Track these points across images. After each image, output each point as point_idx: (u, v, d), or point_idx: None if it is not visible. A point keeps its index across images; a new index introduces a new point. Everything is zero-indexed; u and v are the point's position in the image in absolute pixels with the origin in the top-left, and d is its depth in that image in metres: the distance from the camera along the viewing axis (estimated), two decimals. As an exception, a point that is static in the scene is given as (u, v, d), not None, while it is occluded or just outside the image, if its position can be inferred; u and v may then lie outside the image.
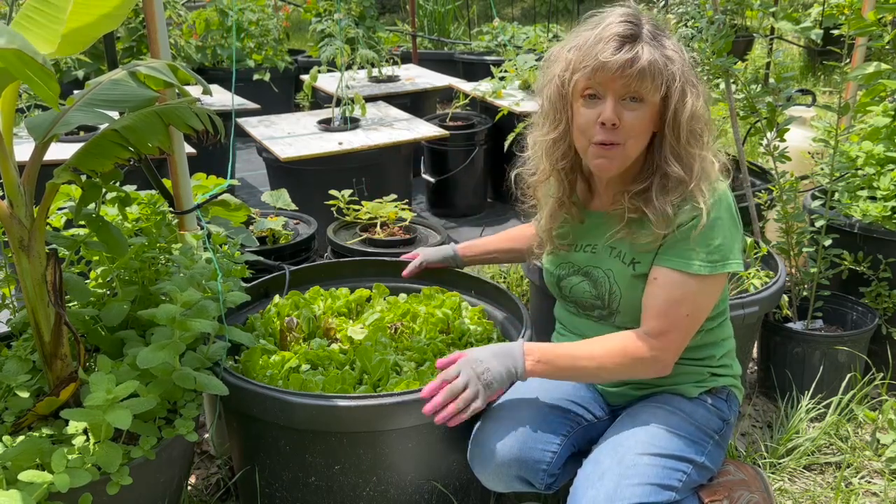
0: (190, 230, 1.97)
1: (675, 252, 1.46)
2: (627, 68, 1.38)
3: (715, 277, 1.46)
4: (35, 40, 1.36)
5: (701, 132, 1.47)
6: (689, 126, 1.44)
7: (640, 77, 1.39)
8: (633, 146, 1.46)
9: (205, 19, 6.12)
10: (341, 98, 3.71)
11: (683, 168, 1.45)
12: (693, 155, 1.45)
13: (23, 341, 1.67)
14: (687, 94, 1.43)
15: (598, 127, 1.43)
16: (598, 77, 1.41)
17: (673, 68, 1.42)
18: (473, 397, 1.43)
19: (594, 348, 1.50)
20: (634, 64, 1.38)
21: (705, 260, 1.44)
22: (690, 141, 1.45)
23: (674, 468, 1.45)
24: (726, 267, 1.46)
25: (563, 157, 1.56)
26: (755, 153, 4.44)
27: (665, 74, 1.41)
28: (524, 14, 10.57)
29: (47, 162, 1.50)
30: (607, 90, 1.42)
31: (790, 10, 6.91)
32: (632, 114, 1.42)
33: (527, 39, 5.64)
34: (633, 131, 1.43)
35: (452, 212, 4.28)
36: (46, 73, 1.17)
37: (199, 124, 1.55)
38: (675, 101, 1.42)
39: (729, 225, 1.47)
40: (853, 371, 2.32)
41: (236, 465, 1.79)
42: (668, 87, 1.42)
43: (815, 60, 6.94)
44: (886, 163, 2.52)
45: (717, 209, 1.46)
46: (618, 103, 1.42)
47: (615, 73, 1.39)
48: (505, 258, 2.07)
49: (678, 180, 1.45)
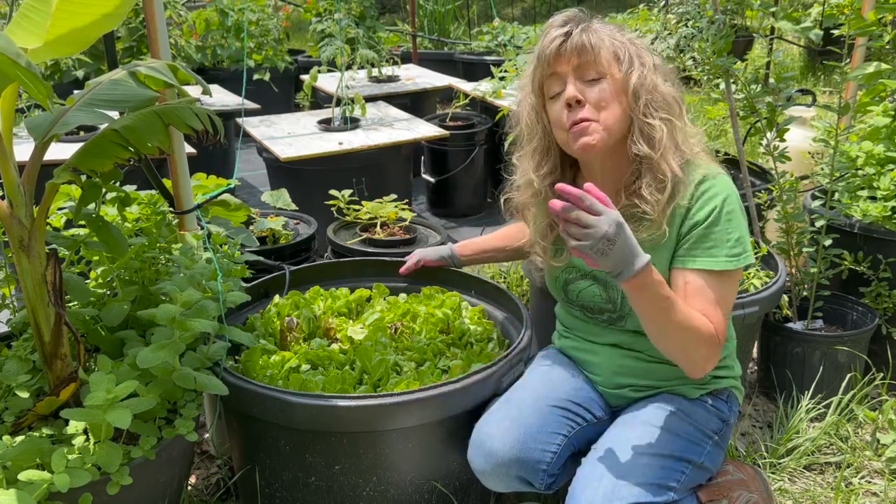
0: (190, 230, 1.97)
1: (700, 251, 1.47)
2: (569, 48, 1.45)
3: (738, 271, 1.48)
4: (25, 37, 1.36)
5: (661, 103, 1.48)
6: (647, 96, 1.46)
7: (581, 49, 1.45)
8: (608, 117, 1.47)
9: (205, 19, 6.12)
10: (341, 98, 3.72)
11: (646, 141, 1.47)
12: (653, 126, 1.46)
13: (23, 341, 1.67)
14: (633, 66, 1.47)
15: (566, 112, 1.47)
16: (552, 68, 1.47)
17: (616, 42, 1.47)
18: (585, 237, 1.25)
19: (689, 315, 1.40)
20: (570, 39, 1.45)
21: (729, 255, 1.46)
22: (647, 112, 1.47)
23: (672, 468, 1.45)
24: (747, 259, 1.48)
25: (551, 172, 1.58)
26: (755, 153, 4.44)
27: (608, 45, 1.46)
28: (524, 14, 10.57)
29: (47, 162, 1.51)
30: (565, 75, 1.47)
31: (790, 10, 6.91)
32: (594, 89, 1.46)
33: (527, 39, 5.64)
34: (600, 103, 1.46)
35: (452, 212, 4.28)
36: (31, 75, 1.17)
37: (198, 124, 1.55)
38: (625, 71, 1.46)
39: (741, 217, 1.49)
40: (853, 371, 2.32)
41: (236, 465, 1.79)
42: (618, 59, 1.47)
43: (815, 60, 6.94)
44: (886, 163, 2.52)
45: (729, 203, 1.47)
46: (577, 83, 1.46)
47: (557, 52, 1.46)
48: (503, 256, 2.07)
49: (648, 157, 1.46)
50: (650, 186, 1.47)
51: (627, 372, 1.62)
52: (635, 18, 5.48)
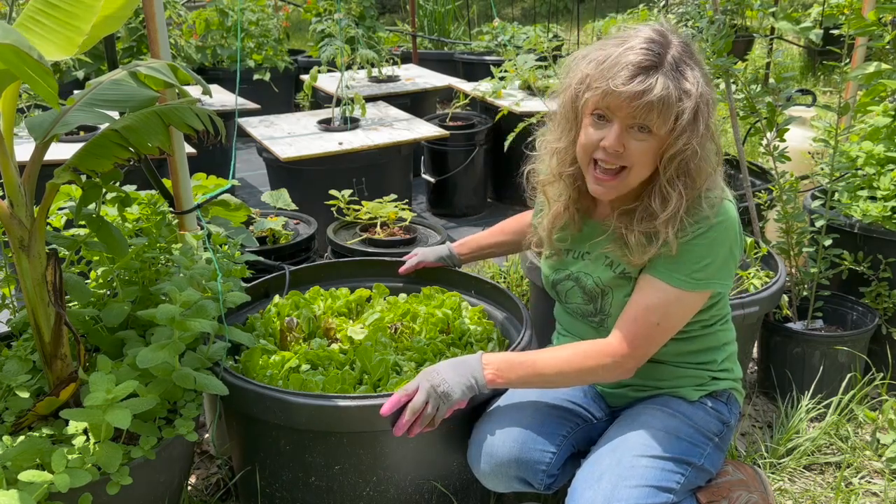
0: (190, 230, 1.97)
1: (663, 263, 1.45)
2: (636, 99, 1.34)
3: (695, 294, 1.45)
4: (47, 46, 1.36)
5: (689, 175, 1.41)
6: (678, 166, 1.40)
7: (648, 110, 1.34)
8: (635, 175, 1.43)
9: (205, 19, 6.12)
10: (341, 98, 3.72)
11: (660, 201, 1.43)
12: (670, 194, 1.41)
13: (23, 341, 1.67)
14: (685, 133, 1.37)
15: (599, 150, 1.42)
16: (607, 101, 1.37)
17: (685, 103, 1.36)
18: (433, 412, 1.46)
19: (556, 354, 1.50)
20: (644, 96, 1.33)
21: (689, 276, 1.43)
22: (672, 180, 1.41)
23: (672, 470, 1.45)
24: (709, 286, 1.45)
25: (570, 164, 1.55)
26: (755, 153, 4.44)
27: (675, 109, 1.35)
28: (524, 14, 10.57)
29: (47, 162, 1.51)
30: (615, 115, 1.39)
31: (790, 10, 6.92)
32: (638, 144, 1.39)
33: (527, 39, 5.63)
34: (635, 160, 1.40)
35: (452, 212, 4.28)
36: (44, 70, 1.16)
37: (199, 124, 1.55)
38: (674, 135, 1.37)
39: (723, 246, 1.44)
40: (853, 371, 2.32)
41: (236, 465, 1.79)
42: (676, 122, 1.37)
43: (815, 60, 6.94)
44: (886, 163, 2.52)
45: (716, 229, 1.43)
46: (624, 131, 1.38)
47: (622, 101, 1.35)
48: (501, 251, 2.07)
49: (653, 213, 1.43)
50: (640, 234, 1.45)
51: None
52: (635, 19, 5.48)
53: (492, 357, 1.51)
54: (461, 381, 1.47)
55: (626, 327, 1.46)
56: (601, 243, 1.55)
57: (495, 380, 1.49)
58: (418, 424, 1.47)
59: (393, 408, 1.46)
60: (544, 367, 1.48)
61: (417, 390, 1.47)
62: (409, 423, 1.46)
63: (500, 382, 1.49)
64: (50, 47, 1.36)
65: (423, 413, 1.46)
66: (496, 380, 1.49)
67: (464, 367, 1.49)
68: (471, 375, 1.48)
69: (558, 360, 1.49)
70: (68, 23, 1.37)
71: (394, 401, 1.47)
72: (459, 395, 1.47)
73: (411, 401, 1.46)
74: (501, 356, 1.52)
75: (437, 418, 1.47)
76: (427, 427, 1.48)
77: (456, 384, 1.47)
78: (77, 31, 1.37)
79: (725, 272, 1.46)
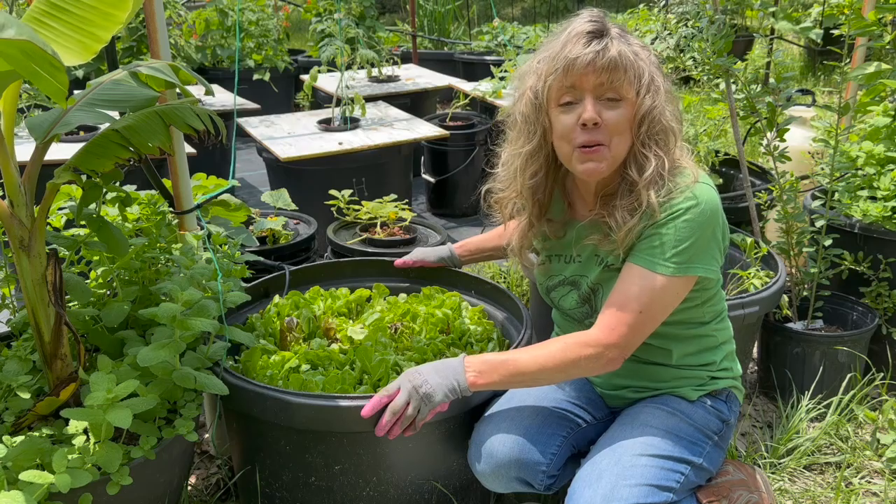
0: (190, 230, 1.97)
1: (643, 249, 1.44)
2: (599, 59, 1.36)
3: (678, 279, 1.42)
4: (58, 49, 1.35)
5: (661, 134, 1.43)
6: (650, 125, 1.42)
7: (613, 68, 1.37)
8: (619, 145, 1.43)
9: (205, 19, 6.12)
10: (341, 98, 3.71)
11: (637, 169, 1.43)
12: (647, 157, 1.42)
13: (23, 341, 1.67)
14: (649, 92, 1.41)
15: (579, 129, 1.41)
16: (571, 77, 1.39)
17: (641, 63, 1.41)
18: (415, 414, 1.44)
19: (538, 351, 1.48)
20: (604, 55, 1.37)
21: (670, 260, 1.41)
22: (646, 142, 1.43)
23: (672, 469, 1.45)
24: (690, 270, 1.42)
25: (536, 173, 1.53)
26: (755, 153, 4.44)
27: (635, 67, 1.40)
28: (524, 14, 10.57)
29: (48, 162, 1.51)
30: (583, 90, 1.40)
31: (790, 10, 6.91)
32: (612, 112, 1.40)
33: (527, 39, 5.64)
34: (617, 129, 1.41)
35: (452, 212, 4.28)
36: (55, 67, 1.15)
37: (199, 124, 1.55)
38: (640, 95, 1.41)
39: (703, 228, 1.41)
40: (853, 371, 2.33)
41: (236, 466, 1.79)
42: (640, 82, 1.41)
43: (815, 60, 6.94)
44: (886, 163, 2.52)
45: (693, 211, 1.41)
46: (596, 102, 1.40)
47: (587, 67, 1.37)
48: (502, 253, 2.06)
49: (633, 182, 1.43)
50: (623, 209, 1.44)
51: (623, 373, 1.60)
52: (635, 18, 5.48)
53: (473, 359, 1.49)
54: (443, 383, 1.45)
55: (607, 316, 1.44)
56: (587, 238, 1.54)
57: (476, 381, 1.46)
58: (399, 426, 1.44)
59: (374, 409, 1.44)
60: (526, 366, 1.46)
61: (399, 391, 1.45)
62: (390, 424, 1.44)
63: (481, 384, 1.46)
64: (62, 51, 1.36)
65: (404, 414, 1.44)
66: (477, 381, 1.46)
67: (446, 369, 1.47)
68: (453, 378, 1.46)
69: (540, 356, 1.46)
70: (82, 28, 1.37)
71: (374, 402, 1.45)
72: (441, 397, 1.44)
73: (392, 401, 1.45)
74: (482, 358, 1.49)
75: (419, 420, 1.45)
76: (408, 430, 1.46)
77: (438, 386, 1.44)
78: (95, 38, 1.37)
79: (709, 256, 1.44)
